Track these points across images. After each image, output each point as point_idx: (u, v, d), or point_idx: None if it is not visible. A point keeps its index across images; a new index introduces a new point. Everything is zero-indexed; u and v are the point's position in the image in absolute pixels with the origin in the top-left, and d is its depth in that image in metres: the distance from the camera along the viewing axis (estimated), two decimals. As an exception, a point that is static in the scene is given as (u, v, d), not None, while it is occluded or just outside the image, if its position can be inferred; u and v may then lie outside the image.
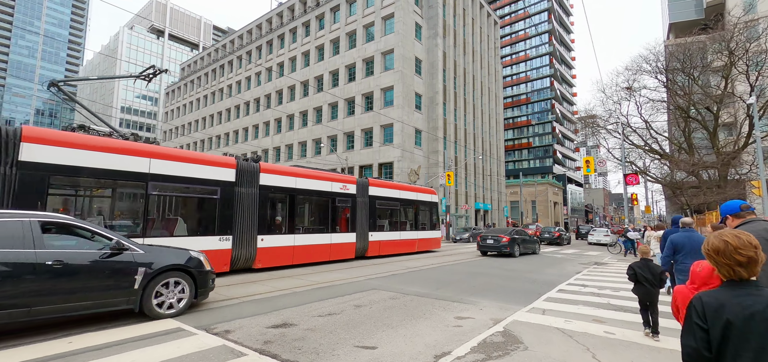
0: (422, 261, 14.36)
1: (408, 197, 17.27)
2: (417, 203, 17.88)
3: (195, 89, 65.65)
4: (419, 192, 18.15)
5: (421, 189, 18.30)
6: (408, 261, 14.27)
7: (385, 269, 11.73)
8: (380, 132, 39.02)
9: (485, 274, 11.18)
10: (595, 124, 30.04)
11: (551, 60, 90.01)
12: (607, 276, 11.14)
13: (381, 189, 15.63)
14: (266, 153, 50.99)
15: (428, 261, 14.39)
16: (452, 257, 16.08)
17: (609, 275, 11.51)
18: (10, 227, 4.36)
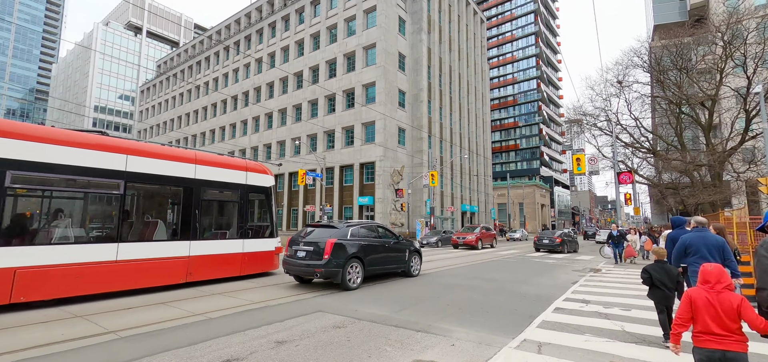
0: None
1: (210, 176, 9.30)
2: (231, 187, 9.88)
3: (171, 87, 62.69)
4: (233, 169, 10.04)
5: (235, 164, 10.24)
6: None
7: None
8: (362, 130, 37.09)
9: (463, 286, 9.32)
10: (585, 122, 28.75)
11: (538, 62, 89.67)
12: (609, 288, 9.40)
13: (141, 159, 8.04)
14: (244, 153, 48.51)
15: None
16: (424, 265, 14.19)
17: (611, 285, 9.78)
18: (370, 227, 9.87)
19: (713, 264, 2.65)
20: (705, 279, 2.61)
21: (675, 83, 22.76)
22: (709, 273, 2.59)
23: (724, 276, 2.58)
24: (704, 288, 2.60)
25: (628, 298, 7.99)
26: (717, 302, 2.51)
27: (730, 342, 2.44)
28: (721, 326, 2.47)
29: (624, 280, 10.69)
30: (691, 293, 2.65)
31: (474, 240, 23.21)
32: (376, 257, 9.40)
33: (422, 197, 37.69)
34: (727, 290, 2.54)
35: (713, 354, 2.48)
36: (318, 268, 8.26)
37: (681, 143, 25.90)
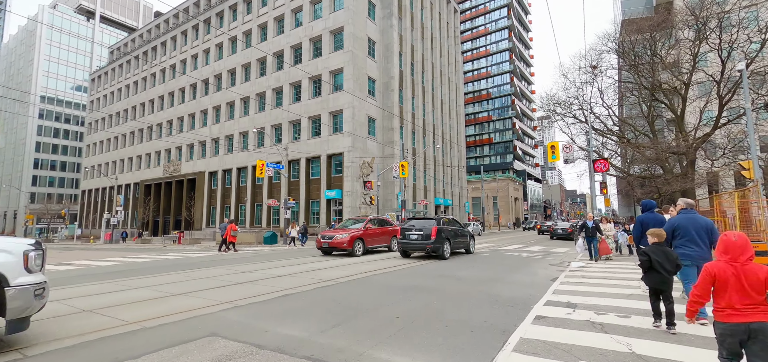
0: (334, 272, 10.61)
1: None
2: None
3: (125, 74, 57.92)
4: None
5: None
6: (314, 273, 10.46)
7: (253, 292, 7.82)
8: (329, 119, 34.92)
9: (422, 289, 7.58)
10: (558, 111, 27.92)
11: (511, 56, 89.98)
12: (595, 286, 7.92)
13: None
14: (204, 146, 45.19)
15: (343, 272, 10.67)
16: (382, 263, 12.42)
17: (597, 282, 8.32)
18: (450, 220, 14.54)
19: (737, 234, 2.47)
20: (726, 250, 2.44)
21: (649, 68, 22.07)
22: (733, 244, 2.43)
23: (748, 247, 2.41)
24: (726, 259, 2.43)
25: (622, 299, 6.48)
26: (742, 274, 2.36)
27: (755, 313, 2.32)
28: (746, 299, 2.34)
29: (610, 274, 9.30)
30: (713, 268, 2.48)
31: (346, 243, 14.07)
32: (455, 240, 13.74)
33: (394, 189, 36.03)
34: (750, 260, 2.38)
35: (738, 328, 2.35)
36: (428, 245, 12.49)
37: (653, 131, 25.46)
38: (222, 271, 10.58)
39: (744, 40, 18.64)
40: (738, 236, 2.44)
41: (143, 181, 51.88)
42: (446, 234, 12.89)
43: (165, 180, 49.00)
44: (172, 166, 48.37)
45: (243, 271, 10.52)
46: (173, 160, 48.61)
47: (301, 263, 12.47)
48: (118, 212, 42.72)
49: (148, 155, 52.47)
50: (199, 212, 44.64)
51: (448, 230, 13.23)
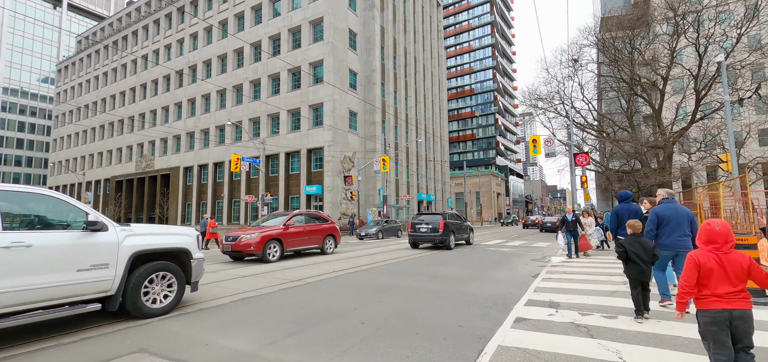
0: (304, 271, 9.99)
1: None
2: None
3: (94, 65, 55.12)
4: None
5: None
6: (282, 272, 9.81)
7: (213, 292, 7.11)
8: (309, 113, 33.98)
9: (396, 289, 7.03)
10: (539, 106, 27.91)
11: (494, 52, 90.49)
12: (578, 283, 7.54)
13: None
14: (178, 140, 43.43)
15: (314, 271, 10.08)
16: (356, 261, 11.84)
17: (580, 279, 7.95)
18: (453, 215, 16.02)
19: (720, 222, 2.48)
20: (711, 240, 2.45)
21: (628, 62, 22.13)
22: (717, 234, 2.44)
23: (730, 235, 2.45)
24: (710, 248, 2.45)
25: (607, 297, 6.08)
26: (726, 262, 2.39)
27: (736, 300, 2.35)
28: (729, 286, 2.37)
29: (593, 269, 8.98)
30: (697, 256, 2.48)
31: (254, 244, 10.96)
32: (458, 233, 15.07)
33: (375, 185, 35.44)
34: (734, 249, 2.42)
35: (721, 315, 2.36)
36: (437, 237, 13.96)
37: (631, 125, 25.70)
38: (183, 272, 9.75)
39: (720, 35, 18.82)
40: (721, 225, 2.44)
41: (114, 177, 49.58)
42: (452, 227, 14.57)
43: (137, 176, 46.94)
44: (145, 161, 46.35)
45: (206, 272, 9.73)
46: (146, 155, 46.57)
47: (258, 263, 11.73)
48: (87, 209, 40.55)
49: (119, 150, 50.14)
50: (173, 210, 42.94)
51: (453, 224, 15.01)
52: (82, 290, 4.22)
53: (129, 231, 4.71)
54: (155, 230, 5.21)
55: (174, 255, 5.31)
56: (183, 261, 5.38)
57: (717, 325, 2.37)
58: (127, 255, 4.57)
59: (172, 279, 5.17)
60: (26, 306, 3.83)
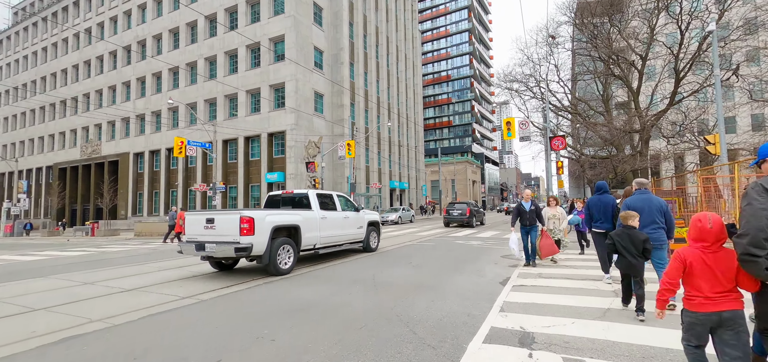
0: (195, 286, 7.84)
1: None
2: None
3: (31, 39, 49.50)
4: None
5: None
6: (162, 290, 7.64)
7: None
8: (270, 94, 31.18)
9: (316, 309, 4.98)
10: (514, 89, 26.46)
11: (470, 37, 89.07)
12: (557, 293, 5.75)
13: None
14: (127, 124, 39.50)
15: (210, 286, 7.95)
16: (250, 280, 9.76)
17: (559, 288, 6.17)
18: (472, 203, 23.12)
19: (712, 219, 2.27)
20: (701, 237, 2.28)
21: (605, 40, 20.76)
22: (708, 232, 2.25)
23: (722, 232, 2.24)
24: (698, 247, 2.30)
25: (600, 322, 4.26)
26: (713, 262, 2.24)
27: (726, 302, 2.20)
28: (717, 286, 2.23)
29: (575, 272, 7.24)
30: (684, 254, 2.35)
31: None
32: (477, 216, 21.58)
33: (344, 172, 33.22)
34: (723, 247, 2.26)
35: (709, 318, 2.23)
36: (466, 220, 20.93)
37: (607, 110, 24.60)
38: (51, 284, 7.37)
39: (702, 10, 17.63)
40: (714, 222, 2.24)
41: (57, 164, 44.93)
42: (473, 213, 20.87)
43: (83, 163, 42.62)
44: (91, 146, 42.07)
45: (81, 282, 7.38)
46: (92, 139, 42.27)
47: (175, 266, 9.44)
48: (21, 200, 36.38)
49: (61, 134, 45.39)
50: (123, 199, 39.22)
51: (474, 211, 21.71)
52: (357, 238, 10.20)
53: (365, 211, 10.80)
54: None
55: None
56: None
57: (702, 326, 2.26)
58: (366, 222, 10.59)
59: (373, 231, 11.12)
60: (344, 244, 9.66)
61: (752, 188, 2.13)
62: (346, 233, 9.67)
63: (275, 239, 7.34)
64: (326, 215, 8.95)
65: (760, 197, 2.02)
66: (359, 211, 10.46)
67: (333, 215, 9.22)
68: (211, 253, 7.12)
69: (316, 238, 8.50)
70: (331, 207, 9.29)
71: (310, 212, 8.54)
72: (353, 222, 9.97)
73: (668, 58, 20.88)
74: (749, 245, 1.99)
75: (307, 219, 8.28)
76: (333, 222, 9.13)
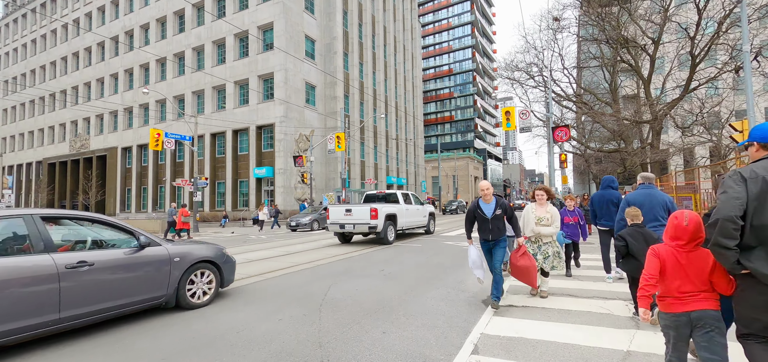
0: None
1: None
2: None
3: (21, 31, 48.39)
4: None
5: None
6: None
7: None
8: (259, 85, 29.76)
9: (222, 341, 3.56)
10: (516, 78, 24.88)
11: (473, 30, 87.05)
12: (553, 320, 4.29)
13: None
14: (115, 117, 38.30)
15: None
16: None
17: (556, 313, 4.69)
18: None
19: (689, 216, 2.17)
20: (676, 236, 2.21)
21: (615, 19, 19.06)
22: (683, 230, 2.17)
23: (700, 231, 2.16)
24: (674, 244, 2.23)
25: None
26: (686, 261, 2.17)
27: (694, 301, 2.14)
28: (688, 286, 2.16)
29: (583, 287, 5.73)
30: (658, 250, 2.29)
31: None
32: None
33: (337, 167, 31.78)
34: (699, 247, 2.16)
35: (679, 319, 2.18)
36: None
37: (615, 99, 22.92)
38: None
39: (724, -14, 15.89)
40: (690, 220, 2.16)
41: (46, 159, 43.89)
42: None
43: (72, 158, 41.52)
44: (80, 141, 40.95)
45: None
46: (81, 134, 41.14)
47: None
48: (5, 195, 35.36)
49: (51, 128, 44.33)
50: (112, 195, 38.09)
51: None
52: (423, 223, 14.19)
53: (427, 205, 14.96)
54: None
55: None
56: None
57: (675, 329, 2.21)
58: (427, 212, 14.63)
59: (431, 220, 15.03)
60: (415, 228, 13.79)
61: (730, 176, 1.97)
62: (418, 220, 13.79)
63: (386, 222, 11.30)
64: (408, 207, 13.05)
65: (737, 185, 1.88)
66: (424, 205, 14.77)
67: (411, 207, 13.26)
68: (349, 231, 11.67)
69: (403, 223, 12.55)
70: (409, 202, 13.32)
71: (399, 205, 12.50)
72: (421, 212, 14.18)
73: (682, 42, 19.18)
74: (718, 235, 1.86)
75: (399, 210, 12.31)
76: (411, 212, 13.27)
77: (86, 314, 3.79)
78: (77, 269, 3.70)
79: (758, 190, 1.81)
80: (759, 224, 1.79)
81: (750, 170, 1.90)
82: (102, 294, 3.90)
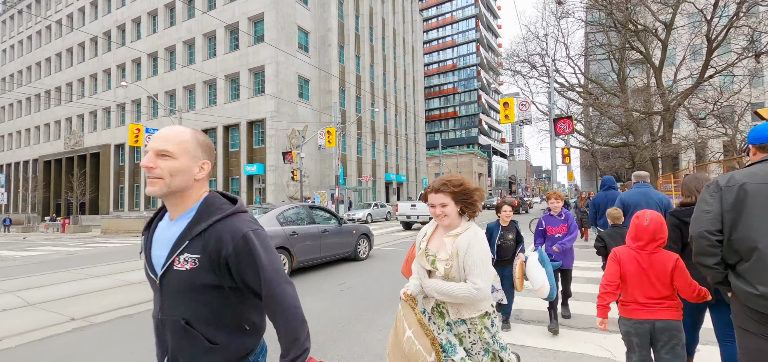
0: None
1: None
2: None
3: (17, 28, 47.96)
4: None
5: None
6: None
7: None
8: (249, 79, 28.73)
9: None
10: (515, 69, 23.54)
11: (477, 23, 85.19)
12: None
13: None
14: (108, 114, 37.60)
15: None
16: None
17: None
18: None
19: (650, 215, 2.06)
20: (636, 236, 2.11)
21: (623, 8, 17.61)
22: (643, 230, 2.07)
23: (660, 231, 2.06)
24: (634, 246, 2.12)
25: None
26: (648, 264, 2.06)
27: (659, 309, 2.03)
28: (651, 291, 2.04)
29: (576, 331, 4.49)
30: (619, 253, 2.17)
31: None
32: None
33: (332, 164, 30.64)
34: (660, 249, 2.08)
35: (641, 326, 2.05)
36: None
37: (622, 88, 21.42)
38: None
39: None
40: (650, 219, 2.06)
41: (42, 157, 43.45)
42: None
43: (66, 155, 40.98)
44: (74, 138, 40.37)
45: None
46: (75, 131, 40.55)
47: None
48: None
49: (46, 126, 43.84)
50: (105, 193, 37.45)
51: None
52: None
53: None
54: None
55: None
56: None
57: (638, 337, 2.08)
58: None
59: None
60: None
61: (707, 186, 1.81)
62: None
63: None
64: None
65: (710, 197, 1.73)
66: None
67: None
68: (414, 221, 16.14)
69: None
70: None
71: None
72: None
73: (697, 29, 17.69)
74: (695, 255, 1.76)
75: None
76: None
77: (326, 256, 7.76)
78: (324, 233, 7.72)
79: (733, 199, 1.63)
80: (737, 237, 1.60)
81: (729, 176, 1.71)
82: (331, 247, 7.85)
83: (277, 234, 6.61)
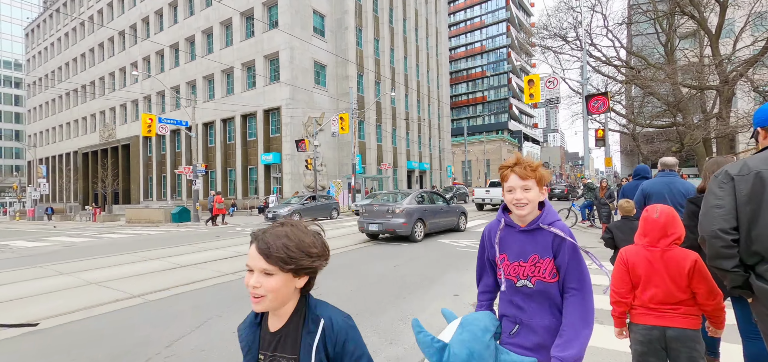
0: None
1: None
2: None
3: (56, 25, 50.38)
4: None
5: None
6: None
7: None
8: (265, 66, 28.22)
9: None
10: (546, 45, 21.45)
11: (508, 2, 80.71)
12: None
13: None
14: (136, 106, 38.67)
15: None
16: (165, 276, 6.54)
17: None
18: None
19: (661, 209, 1.80)
20: (644, 232, 1.82)
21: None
22: (653, 224, 1.79)
23: (672, 226, 1.77)
24: (643, 244, 1.82)
25: None
26: (660, 263, 1.77)
27: (673, 316, 1.73)
28: (664, 295, 1.74)
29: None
30: (627, 253, 1.86)
31: None
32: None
33: (350, 152, 29.77)
34: (675, 245, 1.77)
35: (651, 333, 1.76)
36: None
37: (669, 61, 18.81)
38: None
39: None
40: (661, 213, 1.79)
41: (81, 149, 45.73)
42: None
43: (101, 147, 42.82)
44: (108, 130, 42.04)
45: None
46: (108, 123, 42.20)
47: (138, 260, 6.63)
48: (41, 184, 36.93)
49: (84, 119, 46.00)
50: (136, 184, 38.78)
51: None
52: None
53: None
54: None
55: None
56: None
57: (645, 345, 1.76)
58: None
59: None
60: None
61: (715, 177, 1.65)
62: None
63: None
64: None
65: (719, 189, 1.57)
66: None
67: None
68: (488, 203, 21.25)
69: None
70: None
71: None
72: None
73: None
74: (709, 259, 1.60)
75: None
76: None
77: (441, 226, 10.98)
78: (441, 210, 11.07)
79: (749, 189, 1.46)
80: (758, 234, 1.42)
81: (741, 164, 1.54)
82: (444, 221, 11.13)
83: (417, 210, 9.96)
